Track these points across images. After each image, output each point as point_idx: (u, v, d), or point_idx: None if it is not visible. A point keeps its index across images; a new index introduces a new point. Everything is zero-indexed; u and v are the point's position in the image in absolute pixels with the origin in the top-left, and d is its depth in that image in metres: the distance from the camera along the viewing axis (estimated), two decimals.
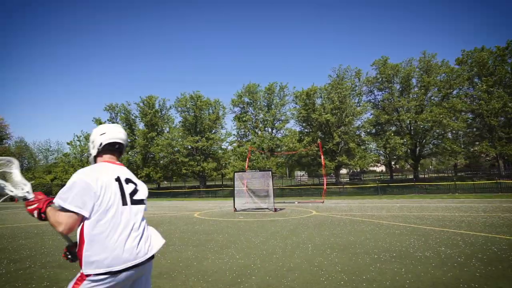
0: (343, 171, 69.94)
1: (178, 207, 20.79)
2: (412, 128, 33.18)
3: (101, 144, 1.96)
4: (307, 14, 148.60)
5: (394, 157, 35.41)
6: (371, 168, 56.35)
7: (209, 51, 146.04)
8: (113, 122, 39.70)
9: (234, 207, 15.72)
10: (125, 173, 1.98)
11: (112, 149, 1.99)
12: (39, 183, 41.88)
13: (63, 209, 1.68)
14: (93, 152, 2.00)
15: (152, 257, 1.97)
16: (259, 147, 36.27)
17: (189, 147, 37.52)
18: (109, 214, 1.77)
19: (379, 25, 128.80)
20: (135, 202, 1.94)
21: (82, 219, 1.73)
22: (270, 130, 38.63)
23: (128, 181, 1.95)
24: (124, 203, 1.86)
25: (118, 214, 1.81)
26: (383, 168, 59.52)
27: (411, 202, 18.64)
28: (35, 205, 1.82)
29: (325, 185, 21.35)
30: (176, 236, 8.86)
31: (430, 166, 69.52)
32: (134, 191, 1.97)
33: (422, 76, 31.91)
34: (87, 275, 1.70)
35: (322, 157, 21.63)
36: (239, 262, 5.78)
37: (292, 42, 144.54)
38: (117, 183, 1.87)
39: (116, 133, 2.01)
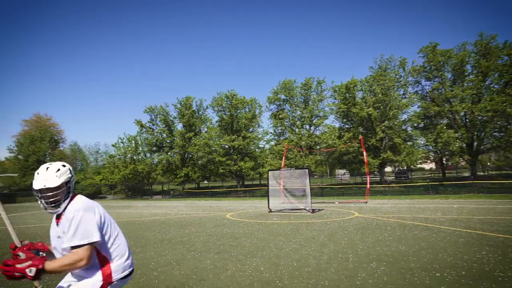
0: (388, 169, 65.92)
1: (213, 207, 20.34)
2: (467, 120, 29.71)
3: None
4: (342, 4, 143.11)
5: (447, 153, 32.03)
6: (420, 166, 52.04)
7: (244, 50, 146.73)
8: (153, 124, 40.84)
9: (268, 207, 14.76)
10: None
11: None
12: (89, 183, 44.37)
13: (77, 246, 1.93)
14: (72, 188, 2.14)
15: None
16: (296, 145, 34.97)
17: (226, 146, 37.28)
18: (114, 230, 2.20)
19: (424, 12, 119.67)
20: None
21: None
22: (308, 127, 37.09)
23: None
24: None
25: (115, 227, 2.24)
26: (433, 165, 54.85)
27: (470, 203, 16.28)
28: (28, 263, 1.78)
29: (368, 183, 19.54)
30: (200, 240, 8.11)
31: (488, 163, 62.90)
32: None
33: (479, 61, 28.38)
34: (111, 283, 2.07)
35: (364, 154, 19.84)
36: (263, 277, 4.80)
37: (328, 35, 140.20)
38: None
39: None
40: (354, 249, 6.45)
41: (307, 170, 14.24)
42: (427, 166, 55.92)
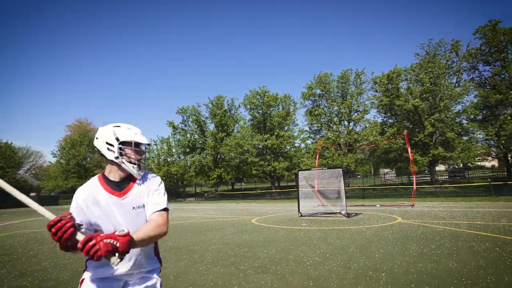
0: (441, 167, 61.11)
1: (242, 210, 19.78)
2: None
3: None
4: None
5: None
6: (479, 163, 47.33)
7: (273, 47, 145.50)
8: (185, 125, 41.47)
9: (299, 211, 13.81)
10: None
11: None
12: None
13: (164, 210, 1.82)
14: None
15: None
16: (334, 143, 33.41)
17: (260, 146, 36.72)
18: None
19: None
20: None
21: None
22: (346, 123, 35.28)
23: None
24: None
25: None
26: (495, 162, 49.71)
27: None
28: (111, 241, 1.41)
29: (414, 184, 17.69)
30: (211, 249, 7.47)
31: None
32: None
33: None
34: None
35: (409, 150, 18.00)
36: None
37: (365, 22, 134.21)
38: None
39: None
40: (390, 265, 5.39)
41: (340, 169, 13.07)
42: (488, 163, 50.85)
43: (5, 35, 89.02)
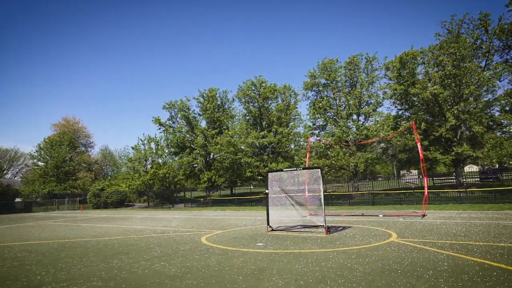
0: (473, 168, 57.27)
1: (210, 221, 17.72)
2: None
3: None
4: None
5: None
6: None
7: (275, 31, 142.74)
8: (173, 122, 39.73)
9: (268, 224, 11.60)
10: None
11: None
12: (115, 190, 44.77)
13: None
14: None
15: None
16: (340, 140, 30.99)
17: (256, 144, 34.54)
18: None
19: None
20: None
21: None
22: (355, 117, 32.70)
23: None
24: None
25: None
26: None
27: None
28: None
29: (426, 188, 15.08)
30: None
31: None
32: None
33: None
34: None
35: (418, 145, 15.44)
36: None
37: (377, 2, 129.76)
38: None
39: None
40: None
41: (319, 170, 10.76)
42: None
43: None
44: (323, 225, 10.66)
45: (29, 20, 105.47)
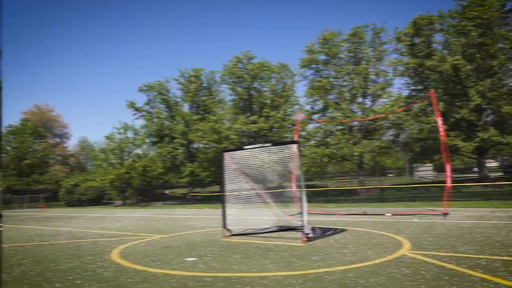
0: (491, 163, 53.94)
1: (164, 220, 14.85)
2: None
3: None
4: None
5: None
6: None
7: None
8: (151, 106, 36.80)
9: (224, 227, 8.66)
10: None
11: None
12: (90, 186, 41.86)
13: None
14: None
15: None
16: (344, 125, 28.12)
17: (245, 132, 31.57)
18: None
19: None
20: None
21: None
22: (361, 99, 29.69)
23: None
24: None
25: None
26: None
27: None
28: None
29: (449, 178, 11.90)
30: None
31: None
32: None
33: None
34: None
35: (438, 120, 12.35)
36: None
37: None
38: None
39: None
40: None
41: (295, 145, 7.80)
42: None
43: None
44: (302, 229, 7.70)
45: None
